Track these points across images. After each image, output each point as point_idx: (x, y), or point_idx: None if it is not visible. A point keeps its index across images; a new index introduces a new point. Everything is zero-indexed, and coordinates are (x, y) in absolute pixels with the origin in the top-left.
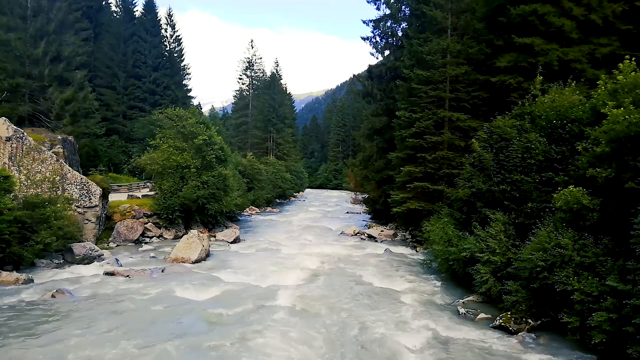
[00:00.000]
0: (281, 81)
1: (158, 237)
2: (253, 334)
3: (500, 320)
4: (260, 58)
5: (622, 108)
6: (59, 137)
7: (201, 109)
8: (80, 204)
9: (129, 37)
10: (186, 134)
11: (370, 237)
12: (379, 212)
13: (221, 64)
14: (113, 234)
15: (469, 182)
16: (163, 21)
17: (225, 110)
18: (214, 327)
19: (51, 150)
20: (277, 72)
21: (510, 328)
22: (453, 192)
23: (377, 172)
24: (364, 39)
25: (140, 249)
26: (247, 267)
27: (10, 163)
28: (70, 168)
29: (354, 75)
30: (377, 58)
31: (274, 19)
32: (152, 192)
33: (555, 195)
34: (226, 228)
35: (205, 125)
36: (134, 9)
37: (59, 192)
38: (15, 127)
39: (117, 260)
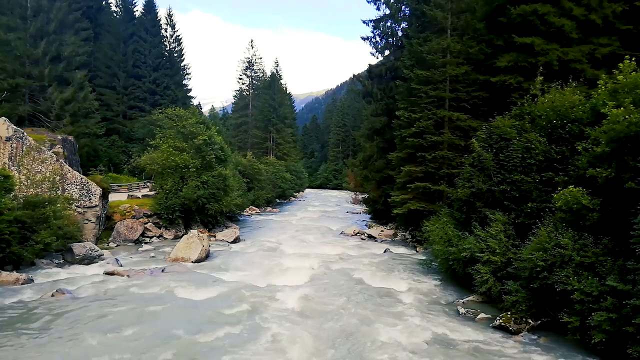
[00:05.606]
0: (281, 81)
1: (158, 237)
2: (253, 334)
3: (500, 320)
4: (260, 58)
5: (622, 108)
6: (59, 137)
7: (201, 109)
8: (80, 204)
9: (129, 37)
10: (186, 134)
11: (370, 237)
12: (379, 212)
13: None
14: (113, 234)
15: (469, 182)
16: (163, 21)
17: (225, 110)
18: (213, 327)
19: (51, 150)
20: (277, 72)
21: (510, 328)
22: (453, 192)
23: (377, 172)
24: (364, 39)
25: (140, 249)
26: (247, 267)
27: (10, 163)
28: (70, 168)
29: (354, 75)
30: (377, 58)
31: (275, 20)
32: (152, 192)
33: (555, 195)
34: (226, 228)
35: (205, 125)
36: (134, 9)
37: (59, 192)
38: (15, 127)
39: (117, 260)
